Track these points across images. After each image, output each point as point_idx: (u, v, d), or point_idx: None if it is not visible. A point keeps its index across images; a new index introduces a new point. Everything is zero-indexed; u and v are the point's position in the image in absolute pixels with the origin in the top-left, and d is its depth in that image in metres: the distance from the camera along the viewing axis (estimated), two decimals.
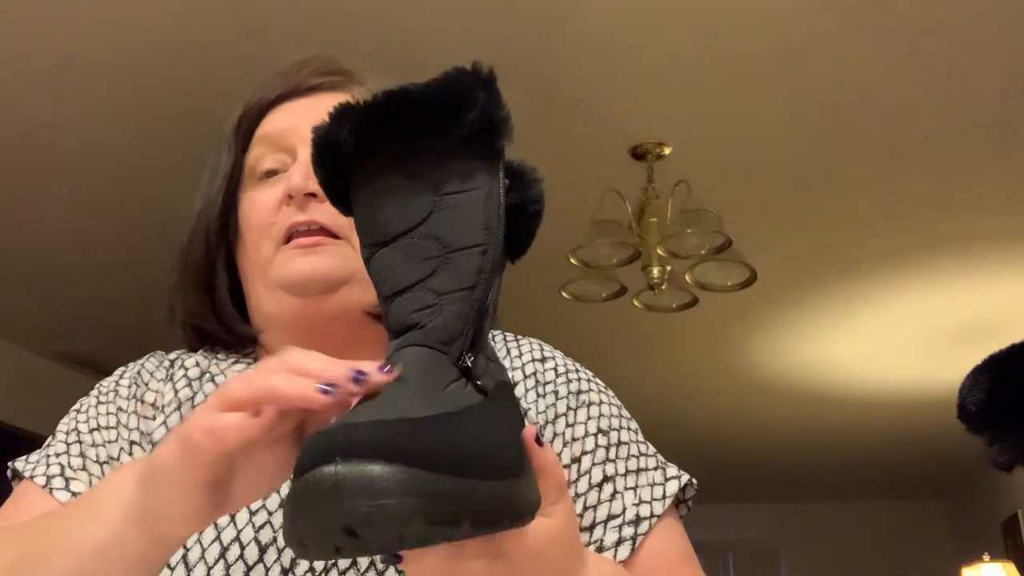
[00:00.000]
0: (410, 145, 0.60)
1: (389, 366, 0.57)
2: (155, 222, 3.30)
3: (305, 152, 0.83)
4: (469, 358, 0.58)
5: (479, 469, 0.52)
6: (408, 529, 0.50)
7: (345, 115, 0.60)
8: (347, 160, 0.61)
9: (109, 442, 0.83)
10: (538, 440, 0.58)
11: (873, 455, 6.04)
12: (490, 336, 0.69)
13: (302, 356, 0.57)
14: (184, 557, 0.75)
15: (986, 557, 5.17)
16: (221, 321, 0.88)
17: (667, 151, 2.94)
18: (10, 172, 2.98)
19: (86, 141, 2.84)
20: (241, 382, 0.57)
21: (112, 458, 0.82)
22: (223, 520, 0.76)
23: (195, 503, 0.58)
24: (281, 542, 0.76)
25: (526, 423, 0.60)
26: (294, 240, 0.83)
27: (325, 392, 0.55)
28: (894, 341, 4.41)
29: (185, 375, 0.87)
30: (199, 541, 0.75)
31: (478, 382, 0.58)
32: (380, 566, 0.75)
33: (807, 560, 7.00)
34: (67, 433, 0.84)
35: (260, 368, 0.58)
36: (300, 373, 0.56)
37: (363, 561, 0.75)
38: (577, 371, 0.89)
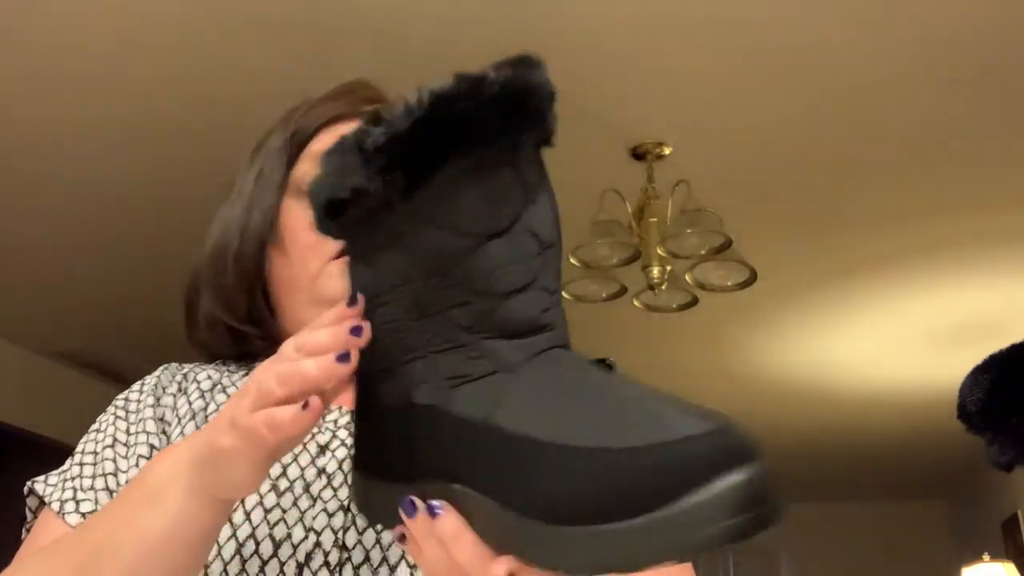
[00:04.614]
0: (483, 145, 0.56)
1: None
2: (157, 224, 3.31)
3: None
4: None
5: None
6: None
7: (412, 118, 0.55)
8: (416, 166, 0.56)
9: (120, 456, 0.85)
10: None
11: (873, 455, 6.04)
12: None
13: (305, 336, 0.62)
14: None
15: (986, 557, 5.17)
16: (262, 325, 0.91)
17: (667, 151, 2.94)
18: (10, 173, 2.98)
19: (87, 144, 2.84)
20: (274, 379, 0.61)
21: (120, 471, 0.84)
22: (238, 518, 0.78)
23: (260, 470, 0.63)
24: (296, 537, 0.77)
25: None
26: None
27: (342, 360, 0.60)
28: (894, 341, 4.41)
29: (198, 387, 0.90)
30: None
31: None
32: (392, 561, 0.77)
33: (807, 561, 7.00)
34: (83, 454, 0.87)
35: (280, 360, 0.62)
36: (315, 351, 0.61)
37: (375, 556, 0.77)
38: None
